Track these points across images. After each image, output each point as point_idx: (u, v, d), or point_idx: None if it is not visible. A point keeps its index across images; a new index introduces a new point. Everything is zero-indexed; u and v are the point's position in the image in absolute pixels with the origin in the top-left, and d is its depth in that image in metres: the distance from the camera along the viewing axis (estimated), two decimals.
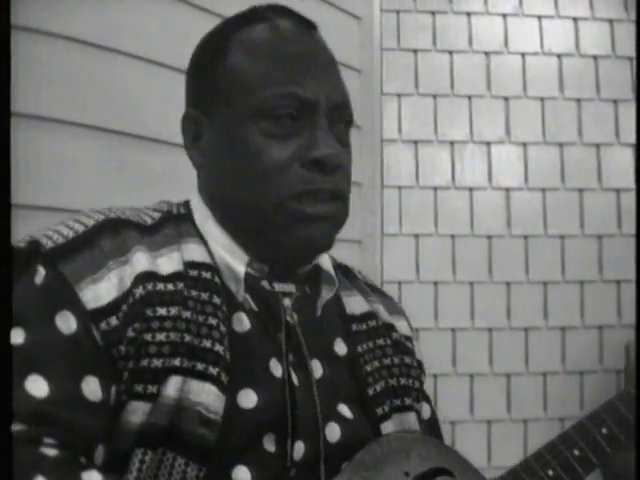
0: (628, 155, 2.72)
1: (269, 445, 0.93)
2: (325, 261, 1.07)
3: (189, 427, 0.88)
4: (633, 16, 2.75)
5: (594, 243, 2.71)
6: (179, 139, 1.95)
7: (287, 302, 1.01)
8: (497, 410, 2.63)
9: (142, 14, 1.89)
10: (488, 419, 2.62)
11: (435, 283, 2.65)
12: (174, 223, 1.01)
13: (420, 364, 1.18)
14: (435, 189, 2.67)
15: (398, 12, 2.67)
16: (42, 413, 0.82)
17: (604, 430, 1.09)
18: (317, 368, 1.01)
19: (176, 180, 1.90)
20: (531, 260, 2.69)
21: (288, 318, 1.00)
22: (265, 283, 1.00)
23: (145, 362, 0.88)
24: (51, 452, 0.80)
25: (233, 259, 0.99)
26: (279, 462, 0.93)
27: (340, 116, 1.00)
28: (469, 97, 2.70)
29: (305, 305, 1.04)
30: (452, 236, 2.67)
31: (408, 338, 1.18)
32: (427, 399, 1.20)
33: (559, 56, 2.73)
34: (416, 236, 2.64)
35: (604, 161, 2.72)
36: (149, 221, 0.99)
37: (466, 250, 2.67)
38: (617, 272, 2.70)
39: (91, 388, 0.86)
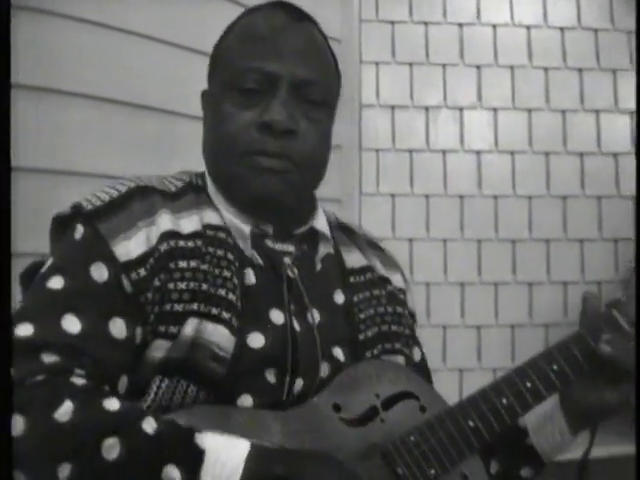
0: (592, 121, 2.81)
1: (271, 378, 1.05)
2: (319, 222, 1.20)
3: (202, 361, 1.01)
4: None
5: (559, 203, 2.79)
6: (172, 106, 2.06)
7: (287, 260, 1.13)
8: (468, 359, 2.72)
9: None
10: (460, 367, 2.70)
11: (410, 240, 2.72)
12: (194, 192, 1.13)
13: (412, 314, 1.30)
14: (410, 151, 2.74)
15: None
16: (74, 346, 0.94)
17: (555, 366, 1.15)
18: (315, 315, 1.13)
19: (168, 144, 2.03)
20: (500, 219, 2.76)
21: (289, 272, 1.12)
22: (269, 242, 1.13)
23: (168, 307, 1.01)
24: (79, 381, 0.92)
25: (240, 221, 1.11)
26: (278, 392, 1.06)
27: (307, 93, 1.11)
28: (443, 65, 2.77)
29: (305, 261, 1.16)
30: (426, 196, 2.73)
31: (401, 290, 1.29)
32: (418, 344, 1.30)
33: (528, 27, 2.81)
34: (392, 196, 2.71)
35: (569, 126, 2.80)
36: (173, 189, 1.11)
37: (439, 209, 2.74)
38: (580, 231, 2.80)
39: (117, 327, 0.99)
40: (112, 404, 0.91)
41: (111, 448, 0.87)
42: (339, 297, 1.18)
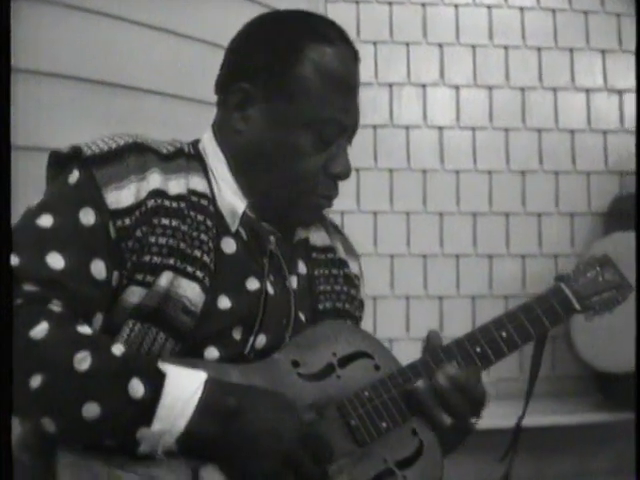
0: (549, 98, 2.88)
1: (236, 334, 1.13)
2: None
3: (173, 312, 1.08)
4: None
5: (518, 178, 2.86)
6: (171, 90, 2.11)
7: (272, 238, 1.21)
8: (430, 329, 2.80)
9: None
10: (422, 337, 2.73)
11: (374, 213, 2.78)
12: (185, 158, 1.20)
13: (362, 302, 1.38)
14: (374, 127, 2.79)
15: None
16: (55, 280, 1.01)
17: (504, 334, 1.23)
18: (294, 281, 1.23)
19: (168, 125, 2.07)
20: (462, 193, 2.83)
21: (272, 247, 1.21)
22: (256, 220, 1.20)
23: (147, 257, 1.08)
24: (56, 309, 1.00)
25: (235, 198, 1.19)
26: (242, 347, 1.14)
27: (353, 136, 1.23)
28: (407, 44, 2.82)
29: (285, 238, 1.24)
30: (390, 170, 2.79)
31: (357, 277, 1.37)
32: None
33: (489, 7, 2.87)
34: (357, 170, 2.73)
35: (528, 103, 2.87)
36: (165, 151, 1.18)
37: (402, 183, 2.80)
38: (539, 205, 2.87)
39: (98, 268, 1.06)
40: (85, 329, 1.00)
41: (82, 360, 0.95)
42: (302, 268, 1.27)
